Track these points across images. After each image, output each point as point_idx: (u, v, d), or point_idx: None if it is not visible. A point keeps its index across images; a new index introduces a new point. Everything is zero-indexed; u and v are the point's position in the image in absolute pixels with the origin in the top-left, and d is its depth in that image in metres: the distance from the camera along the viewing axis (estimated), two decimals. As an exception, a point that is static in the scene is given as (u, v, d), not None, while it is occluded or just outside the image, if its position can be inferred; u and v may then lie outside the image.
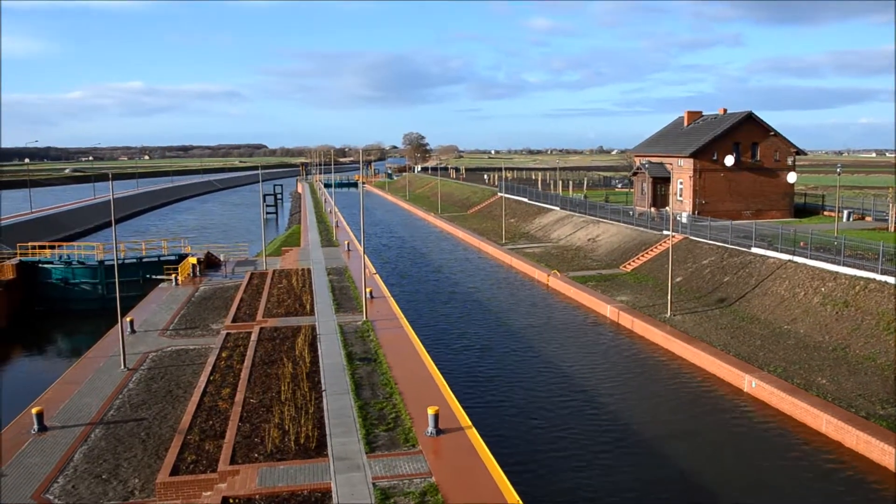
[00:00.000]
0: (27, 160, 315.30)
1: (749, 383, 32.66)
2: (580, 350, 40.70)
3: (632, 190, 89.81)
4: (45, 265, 54.88)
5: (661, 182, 74.55)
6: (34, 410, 25.17)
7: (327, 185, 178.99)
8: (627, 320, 44.63)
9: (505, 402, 32.82)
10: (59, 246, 62.33)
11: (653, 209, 72.56)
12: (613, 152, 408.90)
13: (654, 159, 76.67)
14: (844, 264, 40.40)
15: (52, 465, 22.26)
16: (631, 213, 72.13)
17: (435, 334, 43.74)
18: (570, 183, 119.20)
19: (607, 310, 47.43)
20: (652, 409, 31.84)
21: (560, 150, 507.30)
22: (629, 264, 58.57)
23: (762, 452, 27.07)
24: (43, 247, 59.18)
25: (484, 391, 34.16)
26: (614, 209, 74.39)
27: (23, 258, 55.00)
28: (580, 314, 48.62)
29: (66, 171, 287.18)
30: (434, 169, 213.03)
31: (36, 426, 24.77)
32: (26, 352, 47.56)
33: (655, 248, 58.54)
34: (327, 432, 22.71)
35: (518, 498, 18.60)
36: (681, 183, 71.23)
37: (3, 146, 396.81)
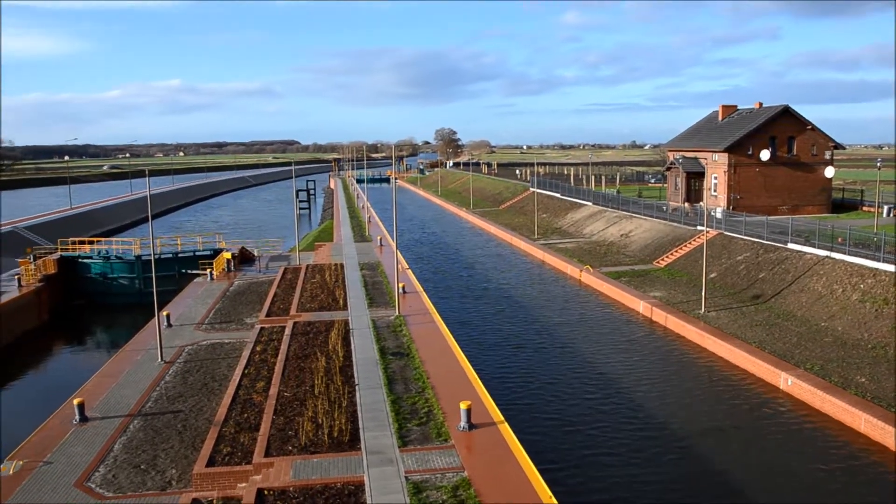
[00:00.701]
0: (67, 157, 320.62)
1: (785, 381, 32.26)
2: (613, 346, 40.49)
3: (665, 185, 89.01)
4: (85, 260, 55.97)
5: (695, 177, 73.77)
6: (76, 401, 25.77)
7: (360, 181, 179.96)
8: (661, 316, 44.30)
9: (537, 397, 32.80)
10: (97, 241, 63.43)
11: (686, 204, 71.83)
12: (646, 147, 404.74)
13: (687, 154, 75.87)
14: (885, 261, 39.67)
15: (93, 454, 22.76)
16: (664, 208, 71.51)
17: (467, 329, 43.81)
18: (603, 178, 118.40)
19: (640, 305, 47.12)
20: (686, 407, 31.60)
21: (593, 146, 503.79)
22: (662, 260, 58.09)
23: (799, 452, 26.75)
24: (82, 242, 60.30)
25: (516, 387, 34.17)
26: (647, 204, 73.80)
27: (63, 253, 56.11)
28: (613, 310, 48.35)
29: (104, 168, 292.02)
30: (466, 164, 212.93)
31: (77, 417, 25.36)
32: (67, 344, 48.57)
33: (689, 243, 57.99)
34: (360, 426, 22.89)
35: (551, 494, 18.60)
36: (715, 178, 70.44)
37: (45, 144, 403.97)
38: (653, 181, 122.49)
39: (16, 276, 51.13)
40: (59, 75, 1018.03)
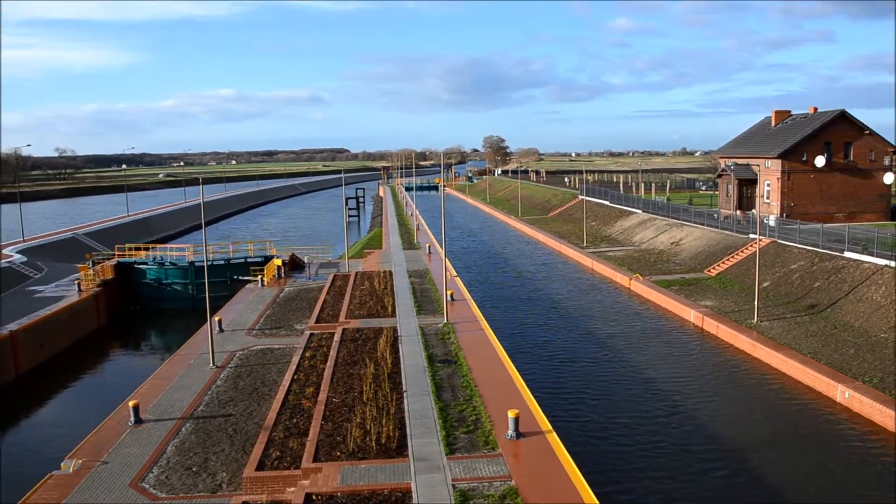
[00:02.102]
0: (124, 166, 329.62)
1: (842, 393, 31.41)
2: (663, 356, 39.94)
3: (716, 192, 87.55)
4: (140, 266, 57.30)
5: (748, 184, 72.42)
6: (131, 404, 26.39)
7: (408, 189, 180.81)
8: (712, 326, 43.55)
9: (586, 407, 32.52)
10: (152, 248, 64.91)
11: (738, 212, 70.54)
12: (697, 154, 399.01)
13: (739, 161, 74.54)
14: (947, 270, 38.41)
15: (146, 455, 23.27)
16: (715, 215, 70.33)
17: (515, 337, 43.66)
18: (653, 185, 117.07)
19: (691, 315, 46.39)
20: (738, 418, 30.99)
21: (642, 152, 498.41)
22: (714, 268, 57.13)
23: (857, 467, 26.02)
24: (138, 248, 61.77)
25: (565, 396, 33.92)
26: (698, 212, 72.72)
27: (120, 259, 57.53)
28: (663, 319, 47.70)
29: (160, 176, 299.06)
30: (514, 172, 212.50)
31: (133, 418, 25.96)
32: (123, 348, 49.81)
33: (741, 251, 56.93)
34: (408, 433, 22.95)
35: (599, 504, 18.40)
36: (768, 185, 69.05)
37: (104, 153, 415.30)
38: (704, 188, 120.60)
39: (76, 281, 52.59)
40: (115, 86, 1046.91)
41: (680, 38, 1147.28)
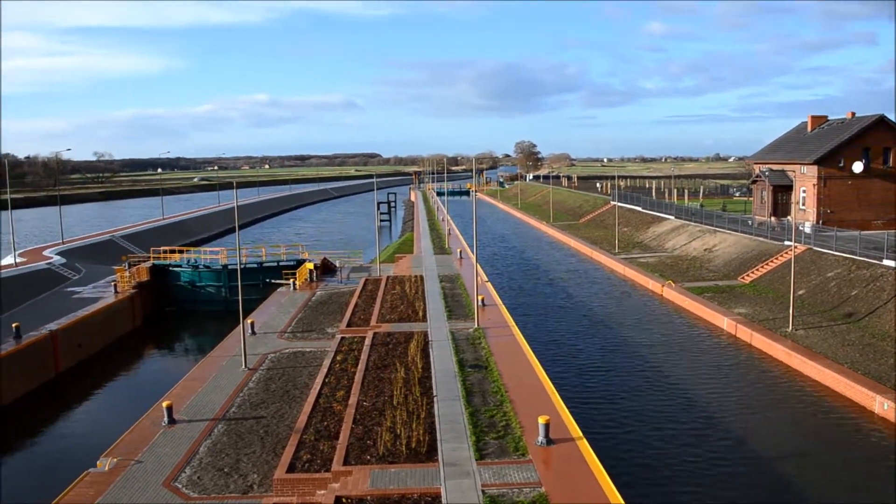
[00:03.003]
0: (160, 170, 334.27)
1: (881, 405, 30.80)
2: (695, 363, 39.53)
3: (750, 198, 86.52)
4: (175, 268, 58.09)
5: (783, 190, 71.45)
6: (164, 404, 26.76)
7: (440, 194, 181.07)
8: (746, 333, 43.01)
9: (618, 417, 32.28)
10: (187, 251, 65.75)
11: (773, 218, 69.63)
12: (731, 159, 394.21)
13: (774, 166, 73.58)
14: None
15: (179, 455, 23.57)
16: (750, 222, 69.49)
17: (545, 344, 43.48)
18: (686, 191, 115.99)
19: (724, 322, 45.86)
20: (772, 428, 30.56)
21: (675, 158, 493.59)
22: (748, 275, 56.43)
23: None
24: (173, 251, 62.61)
25: (596, 405, 33.72)
26: (732, 218, 71.90)
27: (155, 262, 58.37)
28: (695, 326, 47.21)
29: (195, 180, 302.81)
30: (546, 177, 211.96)
31: (166, 419, 26.31)
32: (157, 349, 50.55)
33: (776, 259, 56.16)
34: (438, 437, 22.95)
35: (630, 512, 18.22)
36: (804, 191, 68.08)
37: (140, 157, 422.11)
38: (737, 194, 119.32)
39: (112, 283, 53.45)
40: (153, 91, 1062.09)
41: (715, 42, 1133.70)
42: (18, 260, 61.20)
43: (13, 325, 40.37)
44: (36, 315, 45.24)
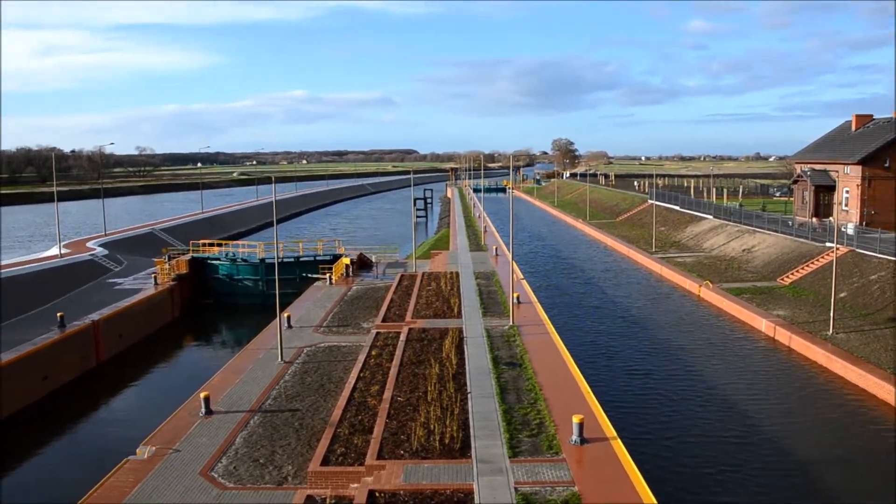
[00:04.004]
0: (199, 164, 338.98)
1: (923, 410, 30.15)
2: (732, 366, 39.03)
3: (791, 199, 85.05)
4: (213, 261, 58.88)
5: (825, 191, 70.10)
6: (202, 395, 27.17)
7: (476, 190, 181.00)
8: (784, 336, 42.35)
9: (652, 419, 32.01)
10: (225, 244, 66.61)
11: (814, 219, 68.37)
12: (771, 159, 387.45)
13: (816, 166, 72.23)
14: None
15: (216, 445, 23.92)
16: (790, 223, 68.34)
17: (580, 343, 43.27)
18: (725, 191, 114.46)
19: (762, 324, 45.20)
20: (813, 435, 30.08)
21: (714, 157, 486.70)
22: (787, 277, 55.53)
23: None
24: (212, 244, 63.46)
25: (630, 405, 33.49)
26: (772, 219, 70.78)
27: (194, 254, 59.23)
28: (732, 327, 46.60)
29: (234, 174, 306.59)
30: (583, 175, 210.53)
31: (203, 409, 26.72)
32: (195, 340, 51.33)
33: (817, 260, 55.18)
34: (471, 434, 22.99)
35: (664, 513, 18.07)
36: (847, 192, 66.74)
37: (180, 152, 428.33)
38: (778, 195, 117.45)
39: (152, 275, 54.38)
40: (193, 87, 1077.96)
41: (759, 40, 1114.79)
42: (63, 251, 62.52)
43: (58, 314, 41.30)
44: (79, 305, 46.22)
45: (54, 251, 63.21)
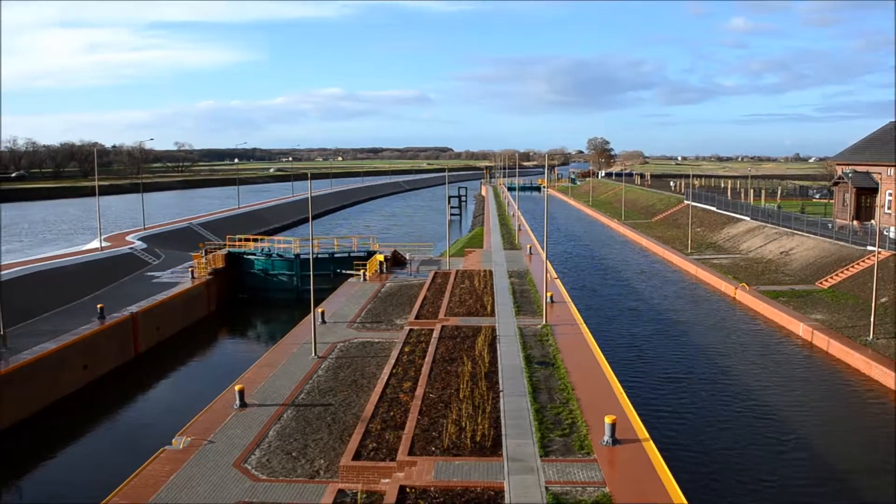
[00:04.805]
0: (236, 160, 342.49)
1: (965, 419, 29.47)
2: (768, 370, 38.50)
3: (831, 201, 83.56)
4: (249, 256, 59.52)
5: (867, 193, 68.73)
6: (237, 388, 27.55)
7: (510, 189, 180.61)
8: (822, 340, 41.65)
9: (685, 424, 31.70)
10: (260, 239, 67.29)
11: (855, 222, 67.10)
12: (811, 160, 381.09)
13: (858, 168, 70.85)
14: None
15: (250, 438, 24.24)
16: (830, 225, 67.15)
17: (613, 342, 43.00)
18: (763, 192, 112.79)
19: (800, 328, 44.50)
20: (853, 443, 29.55)
21: (752, 158, 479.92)
22: (826, 281, 54.59)
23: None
24: (247, 239, 64.15)
25: (663, 407, 33.20)
26: (811, 221, 69.63)
27: (230, 249, 59.93)
28: (769, 331, 45.95)
29: (271, 170, 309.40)
30: (618, 174, 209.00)
31: (238, 402, 27.09)
32: (230, 334, 51.99)
33: (858, 264, 54.16)
34: (503, 432, 22.98)
35: (696, 517, 17.91)
36: (889, 194, 65.38)
37: (217, 147, 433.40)
38: (818, 196, 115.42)
39: (189, 269, 55.14)
40: (230, 84, 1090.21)
41: (801, 39, 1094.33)
42: (104, 244, 63.69)
43: (98, 306, 42.10)
44: (118, 297, 47.05)
45: (95, 244, 64.41)
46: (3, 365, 32.65)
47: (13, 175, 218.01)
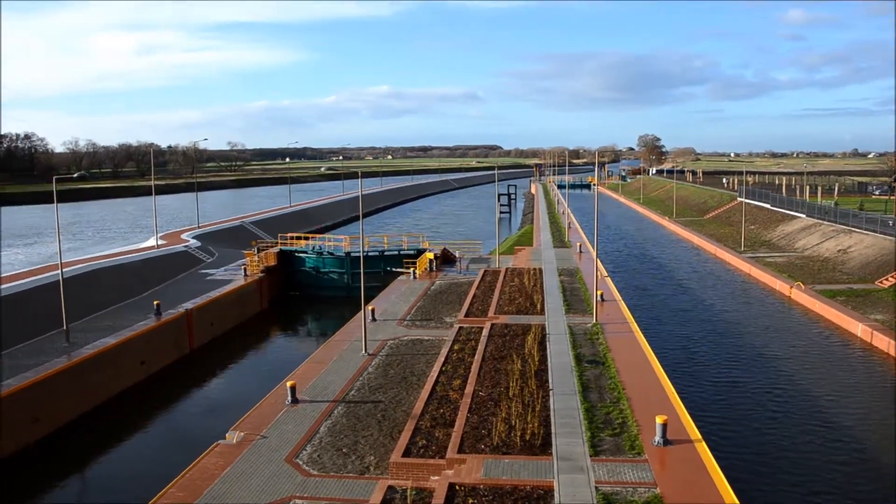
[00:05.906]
0: (287, 159, 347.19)
1: None
2: (825, 372, 37.57)
3: (892, 197, 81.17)
4: (300, 254, 60.34)
5: (932, 190, 66.60)
6: (289, 384, 27.97)
7: (560, 186, 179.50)
8: (883, 342, 40.49)
9: (741, 424, 31.15)
10: (312, 237, 68.11)
11: (920, 220, 65.06)
12: (871, 155, 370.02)
13: (924, 165, 68.66)
14: None
15: (301, 433, 24.60)
16: (890, 222, 65.22)
17: (664, 342, 42.47)
18: (819, 188, 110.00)
19: (858, 329, 43.34)
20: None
21: (808, 154, 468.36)
22: (886, 280, 53.04)
23: None
24: (299, 237, 65.01)
25: (715, 410, 32.68)
26: (870, 218, 67.66)
27: (282, 247, 60.81)
28: (826, 331, 44.84)
29: (322, 169, 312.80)
30: (669, 172, 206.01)
31: (290, 398, 27.51)
32: (282, 331, 52.77)
33: (922, 263, 52.48)
34: (552, 431, 22.88)
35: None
36: (957, 192, 63.24)
37: (269, 147, 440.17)
38: (877, 193, 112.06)
39: (242, 267, 56.12)
40: (281, 83, 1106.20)
41: (861, 30, 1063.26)
42: (160, 242, 65.21)
43: (154, 302, 43.16)
44: (173, 294, 48.14)
45: (151, 242, 65.99)
46: (66, 359, 33.71)
47: (75, 175, 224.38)
